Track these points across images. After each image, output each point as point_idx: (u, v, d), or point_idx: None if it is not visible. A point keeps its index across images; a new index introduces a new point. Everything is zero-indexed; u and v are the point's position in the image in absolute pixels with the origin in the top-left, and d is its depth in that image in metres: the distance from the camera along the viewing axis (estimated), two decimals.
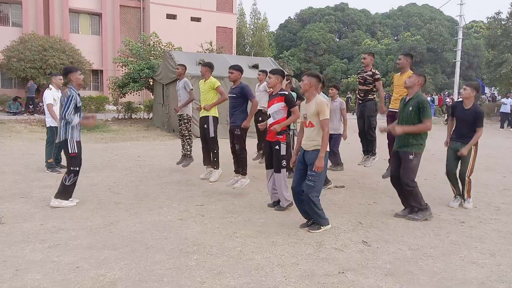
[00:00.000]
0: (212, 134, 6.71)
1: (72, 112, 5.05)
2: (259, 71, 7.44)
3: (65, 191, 5.19)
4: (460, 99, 5.65)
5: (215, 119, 6.77)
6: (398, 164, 4.98)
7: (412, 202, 4.95)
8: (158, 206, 5.35)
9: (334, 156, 7.05)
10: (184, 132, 7.54)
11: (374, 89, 6.66)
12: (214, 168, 6.88)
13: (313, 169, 4.31)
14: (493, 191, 6.65)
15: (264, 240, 4.15)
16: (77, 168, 5.21)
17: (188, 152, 7.60)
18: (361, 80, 6.73)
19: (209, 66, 6.84)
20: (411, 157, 4.82)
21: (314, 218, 4.50)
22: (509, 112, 19.76)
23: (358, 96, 6.84)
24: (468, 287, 3.26)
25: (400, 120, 5.01)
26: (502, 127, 19.53)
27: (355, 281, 3.29)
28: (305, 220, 4.66)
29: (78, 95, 5.19)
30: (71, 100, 5.05)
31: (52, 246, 3.88)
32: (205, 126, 6.74)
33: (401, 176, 4.88)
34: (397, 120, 5.13)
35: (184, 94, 7.38)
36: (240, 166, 6.01)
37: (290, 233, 4.39)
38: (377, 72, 6.67)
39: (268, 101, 5.41)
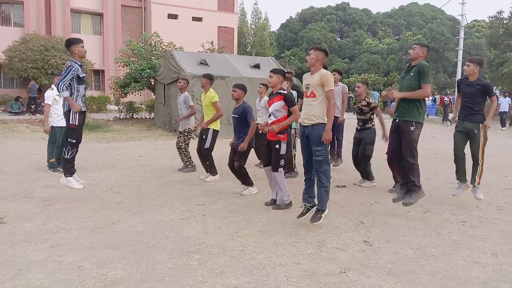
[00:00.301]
0: (207, 146, 6.72)
1: (67, 84, 5.00)
2: (260, 84, 7.33)
3: (67, 165, 5.24)
4: (466, 78, 5.62)
5: (215, 133, 6.79)
6: (398, 138, 4.91)
7: (411, 177, 4.85)
8: (160, 205, 5.35)
9: (338, 145, 7.02)
10: (181, 144, 7.55)
11: (372, 117, 6.65)
12: (213, 175, 6.88)
13: (321, 141, 4.33)
14: (495, 191, 6.64)
15: (266, 240, 4.15)
16: (74, 141, 5.18)
17: (188, 163, 7.63)
18: (358, 110, 6.72)
19: (209, 78, 6.86)
20: (412, 128, 4.74)
21: (320, 199, 4.49)
22: (506, 111, 19.89)
23: (357, 124, 6.79)
24: (470, 286, 3.25)
25: (400, 87, 4.94)
26: (504, 126, 19.46)
27: (356, 281, 3.29)
28: (300, 212, 4.69)
29: (80, 66, 5.14)
30: (69, 71, 4.99)
31: (54, 245, 3.89)
32: (204, 137, 6.77)
33: (404, 152, 4.81)
34: (399, 90, 5.05)
35: (184, 109, 7.46)
36: (243, 180, 6.02)
37: (291, 232, 4.39)
38: (371, 100, 6.63)
39: (268, 100, 5.41)
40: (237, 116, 5.85)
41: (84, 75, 5.21)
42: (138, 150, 10.24)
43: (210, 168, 6.87)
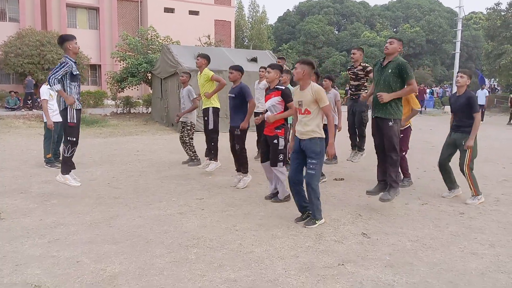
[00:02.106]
0: (211, 126, 6.68)
1: (58, 77, 4.94)
2: (261, 67, 7.31)
3: (66, 163, 5.21)
4: (455, 93, 5.61)
5: (215, 110, 6.70)
6: (380, 133, 4.86)
7: (391, 174, 4.79)
8: (158, 200, 5.34)
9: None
10: (185, 138, 7.52)
11: (366, 84, 6.64)
12: (212, 160, 6.85)
13: (319, 157, 4.31)
14: (492, 182, 6.65)
15: (264, 233, 4.15)
16: (74, 139, 5.15)
17: (193, 157, 7.62)
18: (352, 76, 6.71)
19: (206, 58, 6.79)
20: (390, 123, 4.70)
21: (311, 208, 4.45)
22: (483, 104, 19.75)
23: (349, 91, 6.80)
24: (467, 277, 3.27)
25: (378, 85, 4.82)
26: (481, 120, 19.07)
27: (354, 273, 3.30)
28: (299, 217, 4.63)
29: (75, 63, 5.10)
30: (62, 66, 4.94)
31: (51, 241, 3.88)
32: (206, 118, 6.73)
33: (386, 148, 4.77)
34: (374, 87, 4.97)
35: (187, 103, 7.39)
36: (241, 166, 6.02)
37: (289, 226, 4.40)
38: (367, 64, 6.63)
39: (265, 95, 5.39)
40: (234, 95, 5.83)
41: (78, 72, 5.15)
42: (135, 145, 10.22)
43: (213, 150, 6.81)
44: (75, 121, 5.10)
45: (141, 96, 23.43)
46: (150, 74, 17.02)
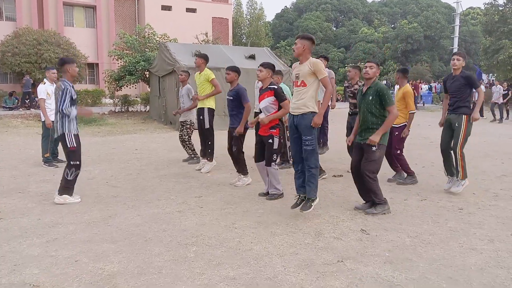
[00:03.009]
0: (207, 126, 6.72)
1: (69, 105, 4.97)
2: (259, 66, 7.28)
3: (67, 186, 5.12)
4: (450, 74, 5.64)
5: (211, 111, 6.77)
6: (360, 155, 4.76)
7: (372, 196, 4.73)
8: (156, 198, 5.33)
9: (323, 133, 7.02)
10: (184, 137, 7.53)
11: None
12: (208, 160, 6.87)
13: (311, 129, 4.31)
14: (491, 178, 6.66)
15: (263, 231, 4.15)
16: (78, 162, 5.12)
17: (193, 155, 7.62)
18: (350, 94, 6.67)
19: (204, 58, 6.82)
20: (374, 148, 4.59)
21: (309, 189, 4.43)
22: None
23: (349, 108, 6.74)
24: (467, 273, 3.26)
25: (361, 110, 4.75)
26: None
27: (354, 269, 3.29)
28: (294, 203, 4.67)
29: (72, 87, 5.11)
30: (66, 93, 4.95)
31: (50, 240, 3.87)
32: (201, 117, 6.76)
33: (362, 168, 4.65)
34: (359, 111, 4.84)
35: (187, 101, 7.38)
36: (240, 167, 6.01)
37: (288, 223, 4.39)
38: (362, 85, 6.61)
39: (258, 96, 5.38)
40: (231, 98, 5.82)
41: (76, 96, 5.15)
42: (133, 143, 10.20)
43: (210, 149, 6.81)
44: (75, 145, 5.07)
45: (139, 94, 23.39)
46: (148, 72, 16.98)
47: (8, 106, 19.19)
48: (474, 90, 5.51)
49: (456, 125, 5.44)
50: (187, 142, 7.55)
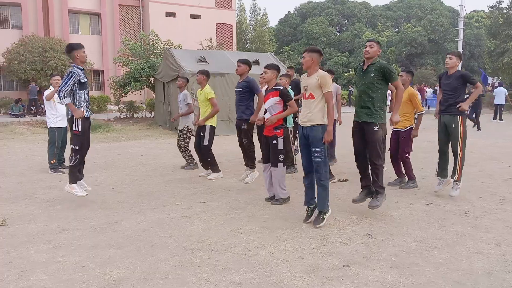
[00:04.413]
0: (206, 143, 6.72)
1: (68, 90, 4.94)
2: (261, 74, 7.34)
3: (71, 172, 5.19)
4: (446, 72, 5.64)
5: (212, 129, 6.80)
6: (361, 137, 4.74)
7: (377, 179, 4.69)
8: (162, 204, 5.35)
9: (329, 146, 7.02)
10: (181, 143, 7.56)
11: None
12: (215, 173, 6.87)
13: (323, 142, 4.33)
14: (497, 181, 6.62)
15: (269, 236, 4.15)
16: (77, 147, 5.12)
17: (190, 161, 7.65)
18: None
19: (205, 74, 6.87)
20: (376, 128, 4.58)
21: (320, 201, 4.46)
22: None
23: None
24: (474, 277, 3.24)
25: (360, 90, 4.73)
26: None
27: (360, 274, 3.28)
28: (304, 214, 4.70)
29: (82, 70, 5.10)
30: (70, 77, 4.93)
31: (56, 246, 3.89)
32: (201, 133, 6.77)
33: (369, 153, 4.64)
34: (357, 90, 4.87)
35: (184, 107, 7.47)
36: (249, 160, 6.06)
37: (294, 227, 4.39)
38: None
39: (264, 96, 5.42)
40: (240, 89, 5.83)
41: (86, 80, 5.15)
42: (139, 149, 10.24)
43: (212, 165, 6.85)
44: (79, 129, 5.08)
45: (144, 100, 23.49)
46: (152, 79, 17.07)
47: (14, 113, 19.36)
48: (473, 86, 5.50)
49: (453, 126, 5.43)
50: (183, 148, 7.58)
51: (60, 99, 4.97)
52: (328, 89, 4.32)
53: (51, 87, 7.46)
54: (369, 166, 4.77)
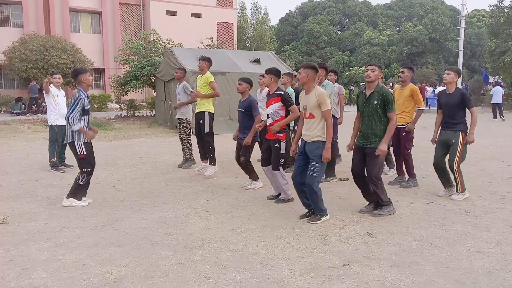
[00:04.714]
0: (207, 130, 6.74)
1: (77, 116, 5.00)
2: (260, 75, 7.36)
3: (77, 191, 5.16)
4: (444, 90, 5.58)
5: (211, 115, 6.82)
6: (361, 160, 4.76)
7: (378, 198, 4.73)
8: (162, 202, 5.35)
9: (332, 145, 7.03)
10: (182, 136, 7.57)
11: None
12: (211, 164, 6.86)
13: (321, 160, 4.35)
14: (498, 180, 6.61)
15: (269, 234, 4.15)
16: (89, 169, 5.14)
17: (188, 156, 7.63)
18: None
19: (207, 61, 6.91)
20: (377, 152, 4.59)
21: (314, 207, 4.54)
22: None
23: None
24: (474, 276, 3.24)
25: (363, 114, 4.75)
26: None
27: (360, 273, 3.29)
28: (305, 211, 4.73)
29: (87, 97, 5.15)
30: (77, 103, 5.00)
31: (57, 244, 3.90)
32: (201, 121, 6.79)
33: (368, 174, 4.66)
34: (360, 116, 4.86)
35: (183, 97, 7.45)
36: (249, 174, 6.03)
37: (294, 226, 4.39)
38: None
39: (266, 101, 5.40)
40: (243, 110, 5.82)
41: (89, 106, 5.20)
42: (140, 148, 10.25)
43: (211, 153, 6.82)
44: (84, 152, 5.10)
45: (145, 99, 23.50)
46: (153, 77, 17.06)
47: (15, 111, 19.37)
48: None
49: (454, 141, 5.36)
50: (186, 141, 7.57)
51: (70, 126, 5.01)
52: (326, 107, 4.33)
53: (51, 85, 7.46)
54: (369, 183, 4.78)
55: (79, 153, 5.09)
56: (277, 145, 5.14)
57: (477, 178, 6.75)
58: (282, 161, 5.18)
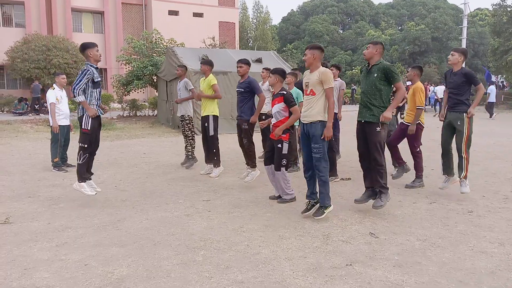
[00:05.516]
0: (211, 133, 6.77)
1: (83, 88, 4.95)
2: (263, 68, 7.43)
3: (79, 171, 5.16)
4: (451, 69, 5.61)
5: (215, 118, 6.84)
6: (365, 140, 4.76)
7: (379, 180, 4.70)
8: (165, 202, 5.35)
9: (334, 140, 7.04)
10: (187, 132, 7.57)
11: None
12: (216, 167, 6.89)
13: (321, 138, 4.38)
14: (501, 180, 6.59)
15: (271, 234, 4.14)
16: (85, 145, 5.08)
17: (190, 153, 7.64)
18: None
19: (209, 64, 6.96)
20: (378, 129, 4.61)
21: (320, 192, 4.54)
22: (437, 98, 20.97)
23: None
24: (477, 276, 3.23)
25: (364, 90, 4.76)
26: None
27: (363, 273, 3.28)
28: (304, 208, 4.75)
29: (96, 68, 5.10)
30: (84, 74, 4.93)
31: (59, 244, 3.90)
32: (206, 125, 6.81)
33: (371, 153, 4.66)
34: (361, 90, 4.89)
35: (184, 94, 7.46)
36: (249, 159, 6.09)
37: (296, 226, 4.38)
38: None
39: (271, 100, 5.43)
40: (242, 89, 5.86)
41: (99, 79, 5.15)
42: (142, 148, 10.26)
43: (216, 156, 6.85)
44: (89, 128, 5.06)
45: (147, 99, 23.51)
46: (155, 77, 17.08)
47: (18, 111, 19.42)
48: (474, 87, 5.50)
49: (458, 123, 5.40)
50: (190, 138, 7.57)
51: (74, 97, 4.97)
52: (329, 85, 4.35)
53: (54, 85, 7.47)
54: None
55: (83, 127, 5.06)
56: (279, 145, 5.14)
57: (480, 177, 6.72)
58: (284, 162, 5.18)
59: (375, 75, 4.63)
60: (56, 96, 7.31)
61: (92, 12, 29.97)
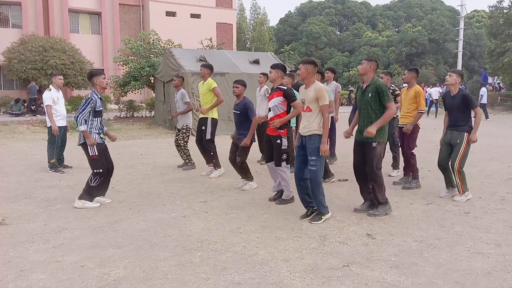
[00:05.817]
0: (208, 136, 6.75)
1: (86, 116, 4.98)
2: (260, 73, 7.39)
3: (89, 192, 5.14)
4: (449, 92, 5.59)
5: (214, 121, 6.82)
6: (361, 154, 4.81)
7: (377, 194, 4.76)
8: (162, 203, 5.34)
9: (331, 144, 7.05)
10: (180, 142, 7.53)
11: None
12: (216, 168, 6.89)
13: (319, 154, 4.41)
14: (497, 181, 6.61)
15: (268, 235, 4.14)
16: (100, 170, 5.11)
17: (187, 160, 7.62)
18: None
19: (209, 68, 6.91)
20: (374, 144, 4.65)
21: (316, 203, 4.58)
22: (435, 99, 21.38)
23: None
24: (474, 277, 3.24)
25: (360, 108, 4.82)
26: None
27: (360, 274, 3.28)
28: (304, 211, 4.77)
29: (100, 98, 5.14)
30: (88, 103, 4.99)
31: (56, 246, 3.88)
32: (203, 128, 6.77)
33: (368, 167, 4.72)
34: (357, 109, 4.94)
35: (182, 106, 7.44)
36: (244, 174, 6.04)
37: (293, 227, 4.38)
38: (396, 88, 6.79)
39: (266, 96, 5.42)
40: (238, 112, 5.85)
41: (102, 108, 5.18)
42: (139, 149, 10.23)
43: (214, 159, 6.84)
44: (96, 153, 5.07)
45: (144, 100, 23.46)
46: (152, 78, 17.05)
47: (14, 112, 19.34)
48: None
49: (458, 141, 5.38)
50: (182, 147, 7.54)
51: (77, 126, 4.99)
52: (323, 102, 4.41)
53: (51, 86, 7.45)
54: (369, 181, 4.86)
55: (90, 154, 5.06)
56: (278, 141, 5.16)
57: (476, 179, 6.74)
58: (284, 156, 5.19)
59: (370, 95, 4.67)
60: (53, 97, 7.28)
61: (89, 13, 29.89)
